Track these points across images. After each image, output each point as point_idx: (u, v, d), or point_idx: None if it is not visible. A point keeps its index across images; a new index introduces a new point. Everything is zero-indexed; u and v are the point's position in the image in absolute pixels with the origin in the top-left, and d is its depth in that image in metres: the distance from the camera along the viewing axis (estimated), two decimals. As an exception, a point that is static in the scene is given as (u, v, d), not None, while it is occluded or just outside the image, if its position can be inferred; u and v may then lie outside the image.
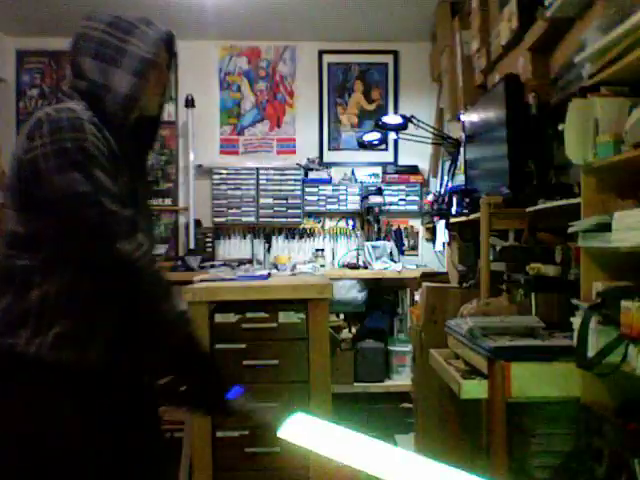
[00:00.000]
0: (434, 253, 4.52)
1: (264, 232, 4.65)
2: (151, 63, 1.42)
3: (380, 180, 4.67)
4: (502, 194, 2.69)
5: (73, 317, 1.31)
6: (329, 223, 4.71)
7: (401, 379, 4.17)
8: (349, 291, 4.28)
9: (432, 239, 4.40)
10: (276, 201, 4.59)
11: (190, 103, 4.57)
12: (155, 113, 1.52)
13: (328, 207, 4.62)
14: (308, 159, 4.70)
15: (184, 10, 4.09)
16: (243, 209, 4.58)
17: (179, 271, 4.00)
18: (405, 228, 4.69)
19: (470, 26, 3.44)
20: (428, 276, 3.77)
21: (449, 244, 4.03)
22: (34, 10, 4.13)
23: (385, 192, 4.56)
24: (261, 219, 4.58)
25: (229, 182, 4.59)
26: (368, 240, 4.55)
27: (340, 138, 4.80)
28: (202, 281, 2.84)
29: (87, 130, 1.29)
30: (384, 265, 4.32)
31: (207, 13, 4.15)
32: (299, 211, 4.59)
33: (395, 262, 4.37)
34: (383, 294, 4.46)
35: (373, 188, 4.55)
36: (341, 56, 4.79)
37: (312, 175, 4.65)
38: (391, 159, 4.76)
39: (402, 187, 4.64)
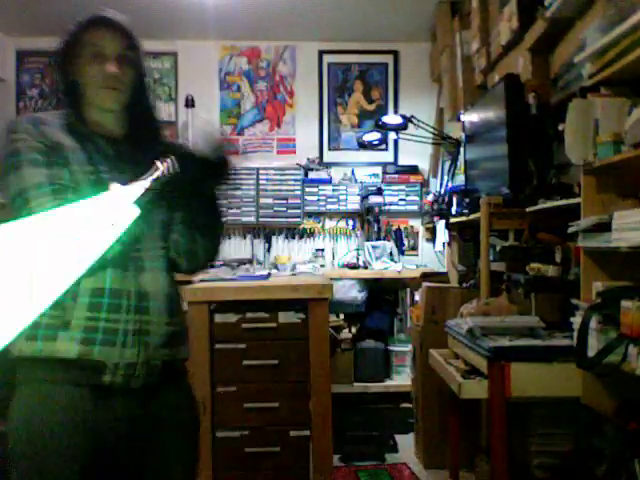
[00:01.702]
0: (434, 253, 4.52)
1: (264, 232, 4.65)
2: (61, 54, 1.40)
3: (380, 180, 4.66)
4: (502, 194, 2.69)
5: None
6: (329, 223, 4.70)
7: (401, 379, 4.17)
8: (349, 291, 4.27)
9: (432, 239, 4.40)
10: (276, 201, 4.59)
11: (190, 103, 4.57)
12: (111, 107, 1.44)
13: (328, 207, 4.62)
14: (308, 159, 4.70)
15: (184, 10, 4.09)
16: (243, 209, 4.57)
17: (179, 271, 3.99)
18: (405, 228, 4.69)
19: (470, 26, 3.45)
20: (428, 276, 3.77)
21: (449, 244, 4.03)
22: (34, 10, 4.13)
23: (385, 192, 4.55)
24: (261, 219, 4.58)
25: (229, 182, 4.58)
26: (368, 240, 4.55)
27: (340, 138, 4.80)
28: (202, 281, 2.84)
29: (20, 130, 1.35)
30: (384, 265, 4.32)
31: (207, 13, 4.15)
32: (299, 211, 4.59)
33: (395, 262, 4.37)
34: (383, 294, 4.46)
35: (373, 188, 4.55)
36: (341, 56, 4.79)
37: (312, 175, 4.65)
38: (391, 159, 4.76)
39: (402, 187, 4.64)
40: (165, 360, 1.45)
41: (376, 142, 4.35)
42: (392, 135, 4.25)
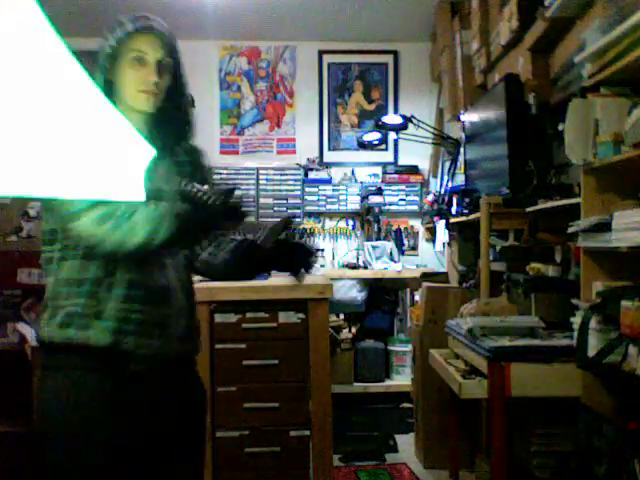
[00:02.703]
0: (434, 253, 4.52)
1: (264, 232, 4.65)
2: (107, 58, 1.47)
3: (380, 180, 4.66)
4: (502, 194, 2.69)
5: (79, 299, 1.42)
6: (329, 223, 4.71)
7: (401, 379, 4.18)
8: (349, 291, 4.28)
9: (432, 239, 4.40)
10: (276, 201, 4.59)
11: (190, 103, 4.56)
12: (143, 109, 1.52)
13: (328, 207, 4.62)
14: (308, 159, 4.70)
15: (184, 10, 4.09)
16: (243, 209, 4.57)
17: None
18: (405, 228, 4.69)
19: (470, 26, 3.45)
20: (428, 276, 3.77)
21: (449, 244, 4.03)
22: (34, 10, 4.13)
23: (385, 192, 4.56)
24: (261, 219, 4.58)
25: (229, 182, 4.59)
26: (368, 240, 4.55)
27: (340, 138, 4.80)
28: (202, 281, 2.84)
29: None
30: (384, 265, 4.32)
31: (207, 13, 4.15)
32: (299, 211, 4.59)
33: (395, 262, 4.37)
34: (383, 294, 4.46)
35: (373, 188, 4.55)
36: (341, 56, 4.79)
37: (312, 175, 4.65)
38: (391, 159, 4.76)
39: (402, 187, 4.64)
40: (183, 352, 1.53)
41: (376, 142, 4.36)
42: (392, 135, 4.26)
